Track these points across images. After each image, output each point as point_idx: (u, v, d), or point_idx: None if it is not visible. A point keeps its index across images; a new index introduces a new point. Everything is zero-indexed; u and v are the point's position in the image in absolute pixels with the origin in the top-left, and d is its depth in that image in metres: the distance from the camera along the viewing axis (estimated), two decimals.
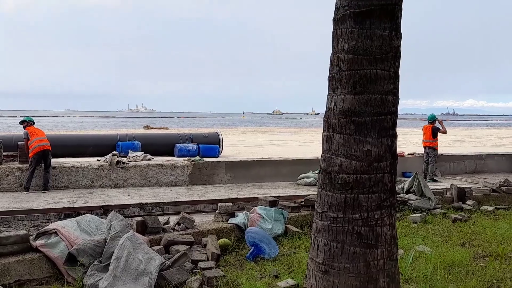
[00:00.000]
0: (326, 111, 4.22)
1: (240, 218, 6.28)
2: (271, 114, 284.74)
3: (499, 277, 5.08)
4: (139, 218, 5.65)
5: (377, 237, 4.05)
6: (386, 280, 3.98)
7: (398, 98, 4.22)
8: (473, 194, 9.27)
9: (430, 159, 15.00)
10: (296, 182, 13.73)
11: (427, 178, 14.69)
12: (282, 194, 11.07)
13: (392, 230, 4.19)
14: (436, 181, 14.40)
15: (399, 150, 19.00)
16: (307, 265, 4.31)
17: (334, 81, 4.14)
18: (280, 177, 14.24)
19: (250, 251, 5.51)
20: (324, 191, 4.17)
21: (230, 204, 6.69)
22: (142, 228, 5.56)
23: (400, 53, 4.14)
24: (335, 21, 4.14)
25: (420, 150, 16.86)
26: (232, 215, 6.42)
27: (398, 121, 4.29)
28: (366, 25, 3.98)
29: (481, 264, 5.50)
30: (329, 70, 4.22)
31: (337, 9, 4.14)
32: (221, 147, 22.63)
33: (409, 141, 37.99)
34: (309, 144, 34.31)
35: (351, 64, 4.02)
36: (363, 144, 4.03)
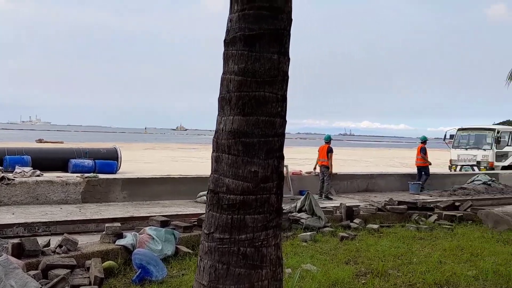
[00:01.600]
0: (215, 132, 4.20)
1: (128, 239, 6.05)
2: (175, 130, 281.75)
3: None
4: (16, 241, 5.24)
5: (262, 257, 4.06)
6: None
7: (286, 121, 4.30)
8: (361, 213, 9.73)
9: (325, 178, 15.57)
10: (195, 200, 13.58)
11: (323, 196, 15.23)
12: (180, 213, 10.87)
13: (277, 250, 4.23)
14: (331, 199, 14.94)
15: (298, 168, 19.53)
16: (192, 287, 4.23)
17: (223, 102, 4.14)
18: (179, 195, 13.99)
19: (137, 273, 5.31)
20: (211, 212, 4.13)
21: (118, 224, 6.44)
22: (18, 251, 5.16)
23: (288, 76, 4.24)
24: (226, 43, 4.16)
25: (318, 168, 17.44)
26: (120, 236, 6.17)
27: (298, 139, 4.35)
28: (255, 48, 4.03)
29: (363, 282, 5.75)
30: (220, 90, 4.22)
31: (228, 31, 4.16)
32: (119, 163, 21.89)
33: (308, 159, 39.31)
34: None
35: (240, 86, 4.04)
36: (250, 165, 4.04)
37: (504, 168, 24.16)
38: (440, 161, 41.40)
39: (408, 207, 10.26)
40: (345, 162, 40.89)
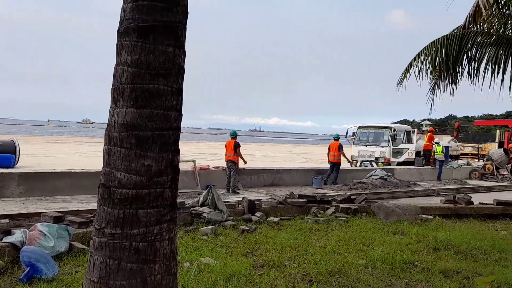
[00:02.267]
0: (108, 124, 4.08)
1: (16, 236, 5.73)
2: (80, 123, 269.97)
3: (273, 283, 5.47)
4: None
5: (155, 252, 4.01)
6: None
7: (181, 114, 4.27)
8: (262, 206, 9.93)
9: (232, 173, 15.70)
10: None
11: (230, 191, 15.35)
12: (82, 208, 10.47)
13: (171, 244, 4.20)
14: (238, 193, 15.09)
15: (206, 163, 19.44)
16: (82, 284, 4.09)
17: (116, 94, 4.02)
18: (82, 190, 13.46)
19: (25, 272, 5.04)
20: (102, 207, 4.01)
21: (7, 221, 6.07)
22: None
23: (184, 70, 4.20)
24: (119, 33, 4.05)
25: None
26: (8, 233, 5.82)
27: (209, 135, 4.33)
28: (149, 40, 3.95)
29: (259, 273, 5.88)
30: (112, 82, 4.09)
31: (121, 21, 4.05)
32: (17, 156, 20.61)
33: (217, 154, 39.43)
34: None
35: (134, 77, 3.95)
36: (144, 158, 3.97)
37: (399, 164, 25.75)
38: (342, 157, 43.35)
39: (307, 201, 10.63)
40: (254, 157, 41.48)
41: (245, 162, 16.11)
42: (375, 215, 10.61)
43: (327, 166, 19.87)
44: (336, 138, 20.26)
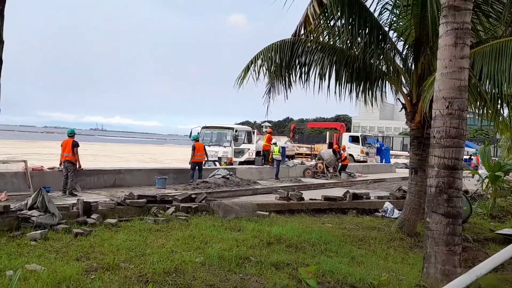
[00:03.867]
0: None
1: None
2: None
3: (106, 287, 5.26)
4: None
5: None
6: None
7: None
8: (99, 208, 9.53)
9: (69, 174, 14.80)
10: None
11: (67, 193, 14.45)
12: None
13: None
14: (76, 195, 14.25)
15: (40, 163, 18.02)
16: None
17: None
18: None
19: None
20: None
21: None
22: None
23: (1, 61, 3.86)
24: None
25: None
26: None
27: (45, 134, 3.96)
28: None
29: (92, 277, 5.61)
30: None
31: None
32: None
33: (54, 154, 36.85)
34: None
35: None
36: None
37: (241, 163, 26.76)
38: (187, 157, 43.64)
39: (147, 201, 10.46)
40: (95, 157, 39.64)
41: (80, 167, 15.26)
42: (214, 213, 10.84)
43: (171, 166, 19.85)
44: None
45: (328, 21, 10.10)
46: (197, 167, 19.74)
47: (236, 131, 27.67)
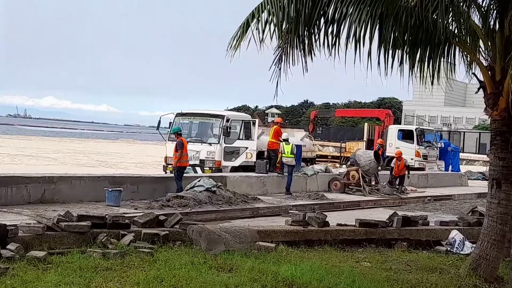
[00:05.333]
0: None
1: None
2: None
3: None
4: None
5: None
6: None
7: None
8: (20, 234, 9.51)
9: None
10: None
11: None
12: None
13: None
14: None
15: None
16: None
17: None
18: None
19: None
20: None
21: None
22: None
23: None
24: None
25: None
26: None
27: None
28: None
29: None
30: None
31: None
32: None
33: None
34: None
35: None
36: None
37: (234, 169, 26.63)
38: (155, 159, 43.70)
39: (93, 224, 10.43)
40: (14, 158, 39.77)
41: None
42: (194, 244, 10.83)
43: (130, 172, 19.92)
44: (175, 132, 21.00)
45: None
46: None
47: (227, 120, 27.46)
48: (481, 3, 10.70)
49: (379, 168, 26.85)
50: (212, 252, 10.40)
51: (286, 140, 24.53)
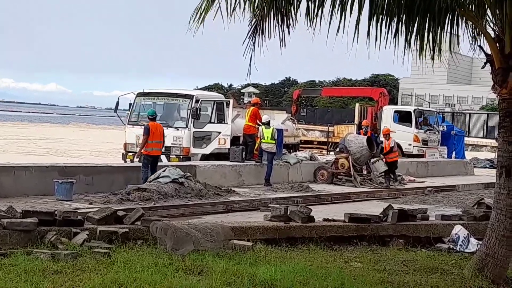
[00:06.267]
0: None
1: None
2: None
3: None
4: None
5: None
6: None
7: None
8: None
9: None
10: None
11: None
12: None
13: None
14: None
15: None
16: None
17: None
18: None
19: None
20: None
21: None
22: None
23: None
24: None
25: None
26: None
27: None
28: None
29: None
30: None
31: None
32: None
33: None
34: None
35: None
36: None
37: (205, 157, 26.61)
38: (112, 146, 43.58)
39: (40, 221, 10.42)
40: None
41: None
42: (158, 243, 10.84)
43: (83, 162, 19.89)
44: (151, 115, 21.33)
45: None
46: (149, 165, 19.94)
47: (197, 101, 27.34)
48: None
49: (372, 155, 26.84)
50: (179, 252, 10.41)
51: (266, 124, 24.51)
